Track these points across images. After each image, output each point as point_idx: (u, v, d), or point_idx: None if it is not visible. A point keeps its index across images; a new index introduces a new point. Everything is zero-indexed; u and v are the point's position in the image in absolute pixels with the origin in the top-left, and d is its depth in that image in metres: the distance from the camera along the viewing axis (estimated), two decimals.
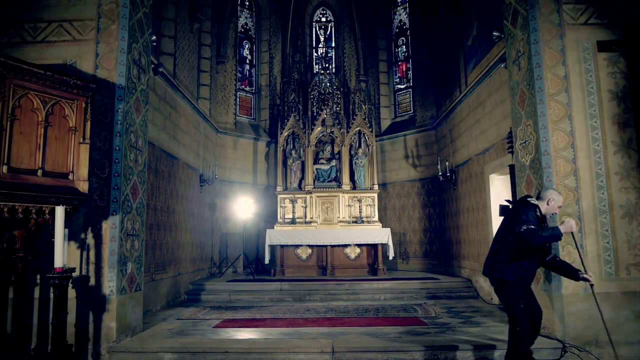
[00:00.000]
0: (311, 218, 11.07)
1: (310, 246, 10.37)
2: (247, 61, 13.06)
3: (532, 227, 3.72)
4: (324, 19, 14.06)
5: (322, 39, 13.96)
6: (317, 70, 13.31)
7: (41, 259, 4.71)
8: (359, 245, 10.37)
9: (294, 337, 5.32)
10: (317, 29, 14.02)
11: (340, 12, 13.79)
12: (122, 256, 5.08)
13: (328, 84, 12.06)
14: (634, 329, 4.86)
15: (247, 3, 13.21)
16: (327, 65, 13.25)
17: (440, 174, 10.11)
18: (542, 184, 5.16)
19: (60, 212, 4.18)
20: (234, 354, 4.70)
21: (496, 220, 7.52)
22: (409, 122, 12.46)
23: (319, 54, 13.76)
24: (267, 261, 10.27)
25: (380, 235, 10.17)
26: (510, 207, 4.18)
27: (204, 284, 8.89)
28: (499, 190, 7.70)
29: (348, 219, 11.03)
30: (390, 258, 10.24)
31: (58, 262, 4.11)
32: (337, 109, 11.76)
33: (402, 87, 13.02)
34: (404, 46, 13.09)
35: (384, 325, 5.91)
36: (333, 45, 13.87)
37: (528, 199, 4.07)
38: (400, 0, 13.25)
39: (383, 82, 13.21)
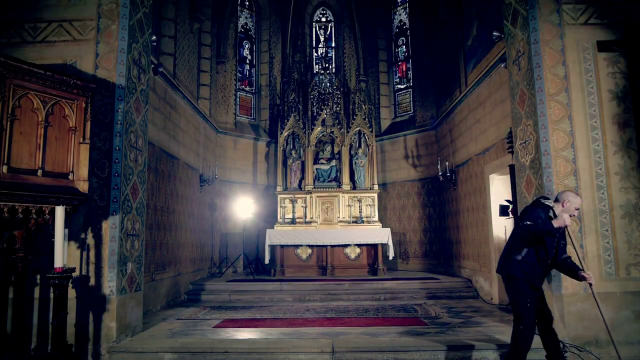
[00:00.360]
0: (311, 218, 11.06)
1: (310, 246, 10.37)
2: (247, 61, 13.06)
3: (528, 222, 3.77)
4: (324, 19, 14.05)
5: (322, 39, 13.95)
6: (317, 70, 13.30)
7: (41, 259, 4.70)
8: (359, 245, 10.37)
9: (294, 337, 5.33)
10: (317, 29, 14.01)
11: (340, 12, 13.78)
12: (122, 256, 5.08)
13: (328, 84, 12.05)
14: (634, 329, 4.86)
15: (247, 3, 13.20)
16: (327, 65, 13.24)
17: (440, 174, 10.11)
18: (542, 184, 5.16)
19: (60, 212, 4.18)
20: (234, 354, 4.70)
21: (496, 221, 7.58)
22: (409, 122, 12.46)
23: (319, 54, 13.75)
24: (267, 261, 10.27)
25: (380, 235, 10.17)
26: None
27: (204, 284, 8.89)
28: (499, 190, 7.70)
29: (348, 219, 11.03)
30: (390, 258, 10.23)
31: (58, 262, 4.11)
32: (337, 109, 11.75)
33: (402, 87, 13.02)
34: (404, 46, 13.09)
35: (384, 325, 5.91)
36: (333, 45, 13.87)
37: (541, 200, 4.08)
38: (400, 0, 13.25)
39: (383, 82, 13.20)
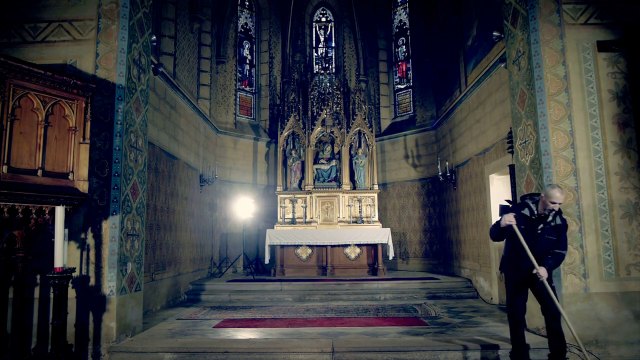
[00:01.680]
0: (311, 218, 11.06)
1: (310, 246, 10.36)
2: (247, 61, 13.06)
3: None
4: (324, 19, 14.05)
5: (322, 39, 13.95)
6: (317, 70, 13.29)
7: (41, 259, 4.71)
8: (359, 245, 10.37)
9: (294, 337, 5.33)
10: (317, 29, 14.02)
11: (340, 12, 13.78)
12: (122, 256, 5.09)
13: (328, 84, 12.04)
14: (634, 329, 4.86)
15: (247, 3, 13.20)
16: (327, 65, 13.23)
17: (440, 174, 10.11)
18: (542, 184, 5.16)
19: (60, 212, 4.18)
20: (234, 354, 4.71)
21: (496, 220, 7.57)
22: (409, 122, 12.46)
23: (319, 54, 13.75)
24: (267, 261, 10.27)
25: (380, 235, 10.17)
26: (510, 207, 4.39)
27: (204, 284, 8.89)
28: (499, 190, 7.70)
29: (348, 219, 11.03)
30: (390, 258, 10.23)
31: (58, 262, 4.11)
32: (337, 109, 11.75)
33: (402, 87, 13.02)
34: (404, 46, 13.09)
35: (384, 325, 5.91)
36: (333, 45, 13.86)
37: (523, 197, 4.35)
38: (400, 0, 13.25)
39: (383, 82, 13.21)
